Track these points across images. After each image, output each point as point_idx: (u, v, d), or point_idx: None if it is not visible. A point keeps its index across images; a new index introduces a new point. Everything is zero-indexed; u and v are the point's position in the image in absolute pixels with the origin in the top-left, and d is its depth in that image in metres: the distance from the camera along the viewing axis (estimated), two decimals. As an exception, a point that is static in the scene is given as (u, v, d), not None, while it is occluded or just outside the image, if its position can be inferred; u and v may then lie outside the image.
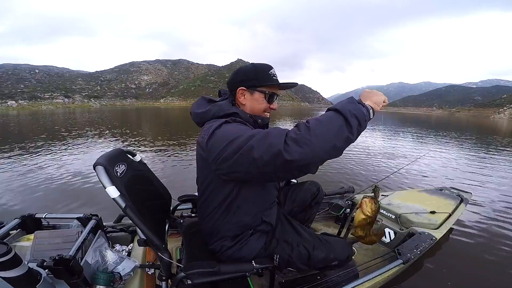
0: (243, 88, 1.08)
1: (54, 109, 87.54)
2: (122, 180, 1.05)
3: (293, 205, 1.47)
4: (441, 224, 1.93)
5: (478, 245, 2.35)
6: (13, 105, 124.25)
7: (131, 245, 1.52)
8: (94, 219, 1.40)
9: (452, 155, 7.10)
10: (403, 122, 24.58)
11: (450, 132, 14.33)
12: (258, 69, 1.08)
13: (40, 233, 1.26)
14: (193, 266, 1.02)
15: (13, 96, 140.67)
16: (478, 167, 5.65)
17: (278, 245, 1.15)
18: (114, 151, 1.15)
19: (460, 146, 8.89)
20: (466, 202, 2.35)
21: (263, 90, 1.07)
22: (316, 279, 1.39)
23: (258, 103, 1.09)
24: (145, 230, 0.98)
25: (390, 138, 10.91)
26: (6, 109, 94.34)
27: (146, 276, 1.27)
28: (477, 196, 3.48)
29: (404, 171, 4.64)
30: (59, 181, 4.11)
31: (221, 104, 1.08)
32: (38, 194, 3.62)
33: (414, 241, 1.66)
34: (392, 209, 2.12)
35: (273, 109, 1.14)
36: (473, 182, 4.50)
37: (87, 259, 1.13)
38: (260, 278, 1.36)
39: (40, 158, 5.78)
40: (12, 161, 5.47)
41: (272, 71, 1.08)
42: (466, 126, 22.87)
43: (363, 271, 1.43)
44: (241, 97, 1.09)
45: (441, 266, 1.99)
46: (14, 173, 4.54)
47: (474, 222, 2.80)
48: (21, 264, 0.82)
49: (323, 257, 1.16)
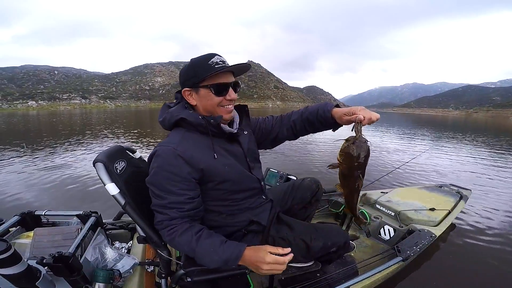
0: (187, 89, 1.02)
1: (71, 109, 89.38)
2: (122, 177, 1.05)
3: (293, 202, 1.45)
4: (440, 221, 1.94)
5: (478, 242, 2.35)
6: (33, 105, 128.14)
7: (131, 242, 1.52)
8: (94, 216, 1.40)
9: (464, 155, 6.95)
10: (419, 124, 23.82)
11: (466, 134, 13.26)
12: (195, 64, 0.98)
13: (40, 230, 1.26)
14: (193, 263, 1.02)
15: (34, 97, 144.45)
16: (488, 167, 5.58)
17: (275, 242, 1.14)
18: (113, 148, 1.15)
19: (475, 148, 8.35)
20: (465, 199, 2.35)
21: (205, 84, 0.97)
22: (316, 276, 1.40)
23: (207, 99, 1.00)
24: (145, 227, 0.99)
25: (403, 140, 10.13)
26: (27, 109, 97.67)
27: (145, 273, 1.27)
28: (478, 193, 3.49)
29: (410, 169, 4.65)
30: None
31: (171, 111, 1.04)
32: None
33: (413, 238, 1.66)
34: (391, 206, 2.12)
35: (231, 100, 1.03)
36: (479, 179, 4.49)
37: (86, 257, 1.13)
38: (259, 275, 1.36)
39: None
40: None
41: (213, 60, 0.96)
42: (484, 128, 20.90)
43: (363, 268, 1.43)
44: (189, 98, 1.03)
45: (441, 263, 2.00)
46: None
47: (474, 219, 2.81)
48: (21, 261, 0.82)
49: (321, 245, 1.14)
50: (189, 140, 1.00)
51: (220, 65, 0.95)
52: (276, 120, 1.28)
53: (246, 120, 1.21)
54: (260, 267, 0.89)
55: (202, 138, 1.02)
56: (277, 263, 0.89)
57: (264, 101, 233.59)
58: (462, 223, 2.68)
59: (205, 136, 1.03)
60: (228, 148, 1.07)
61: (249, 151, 1.15)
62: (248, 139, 1.17)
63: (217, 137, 1.05)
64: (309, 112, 1.16)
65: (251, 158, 1.16)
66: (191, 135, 1.02)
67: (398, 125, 20.43)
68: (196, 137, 1.02)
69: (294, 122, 1.20)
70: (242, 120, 1.19)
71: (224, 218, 1.11)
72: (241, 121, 1.18)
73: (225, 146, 1.07)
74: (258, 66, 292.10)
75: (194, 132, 1.03)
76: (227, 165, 1.03)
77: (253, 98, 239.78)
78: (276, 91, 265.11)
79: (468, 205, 2.87)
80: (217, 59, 0.96)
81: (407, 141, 9.77)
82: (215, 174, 1.01)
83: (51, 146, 7.24)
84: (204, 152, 1.00)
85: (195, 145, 1.00)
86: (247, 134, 1.18)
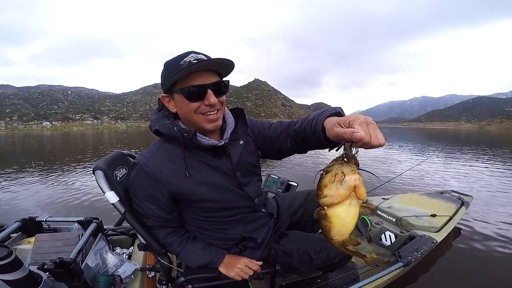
0: (164, 95, 0.91)
1: (84, 130, 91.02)
2: (122, 184, 1.05)
3: (304, 214, 1.33)
4: (441, 227, 1.93)
5: (479, 248, 2.34)
6: (47, 126, 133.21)
7: (132, 248, 1.52)
8: (95, 222, 1.40)
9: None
10: (432, 139, 21.43)
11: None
12: (168, 66, 0.84)
13: (41, 236, 1.26)
14: (193, 271, 1.02)
15: (48, 117, 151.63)
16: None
17: (278, 256, 1.12)
18: (114, 155, 1.14)
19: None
20: (467, 206, 2.34)
21: (177, 88, 0.84)
22: (317, 282, 1.39)
23: (182, 106, 0.87)
24: (145, 235, 0.99)
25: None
26: (42, 130, 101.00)
27: (146, 279, 1.27)
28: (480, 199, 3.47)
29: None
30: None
31: (152, 120, 0.97)
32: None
33: (414, 244, 1.66)
34: (392, 212, 2.11)
35: (211, 105, 0.85)
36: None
37: (87, 262, 1.13)
38: (260, 281, 1.35)
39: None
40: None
41: (187, 59, 0.80)
42: (499, 140, 18.41)
43: (364, 274, 1.42)
44: (168, 105, 0.92)
45: (442, 269, 1.98)
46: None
47: (475, 225, 2.79)
48: (22, 267, 0.82)
49: (325, 257, 1.11)
50: (165, 153, 0.92)
51: (193, 64, 0.78)
52: (282, 128, 1.03)
53: (242, 127, 1.02)
54: (232, 269, 1.03)
55: (180, 152, 0.91)
56: (249, 266, 1.05)
57: (272, 119, 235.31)
58: (463, 229, 2.67)
59: (185, 149, 0.92)
60: (212, 163, 0.94)
61: (241, 165, 1.00)
62: (242, 149, 1.00)
63: (199, 150, 0.93)
64: (307, 120, 0.87)
65: (243, 173, 1.01)
66: (170, 147, 0.93)
67: (412, 140, 18.90)
68: (175, 150, 0.92)
69: (295, 132, 0.95)
70: (237, 128, 1.01)
71: (212, 233, 1.05)
72: (236, 129, 1.01)
73: (209, 160, 0.94)
74: (265, 84, 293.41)
75: (174, 143, 0.93)
76: (205, 183, 0.92)
77: (261, 116, 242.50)
78: (283, 109, 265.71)
79: (470, 211, 2.86)
80: (192, 57, 0.80)
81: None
82: (188, 193, 0.91)
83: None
84: (177, 168, 0.90)
85: (170, 159, 0.91)
86: (242, 144, 1.00)
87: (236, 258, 1.06)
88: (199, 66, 0.80)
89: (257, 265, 1.06)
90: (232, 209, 1.01)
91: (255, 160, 1.09)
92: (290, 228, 1.26)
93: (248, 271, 1.04)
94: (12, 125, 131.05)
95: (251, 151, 1.07)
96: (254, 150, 1.09)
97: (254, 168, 1.08)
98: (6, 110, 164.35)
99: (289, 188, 1.96)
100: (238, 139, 1.00)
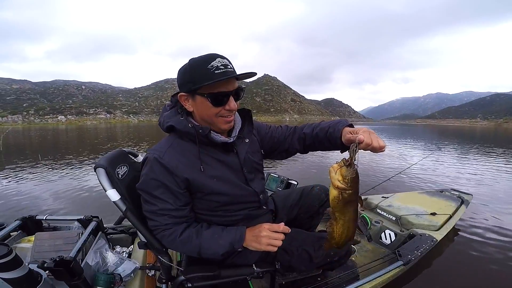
0: (183, 94, 0.93)
1: (97, 124, 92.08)
2: (124, 182, 1.04)
3: (300, 211, 1.37)
4: (441, 226, 1.93)
5: (479, 247, 2.34)
6: (62, 119, 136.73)
7: (132, 246, 1.52)
8: (95, 221, 1.40)
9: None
10: (449, 136, 20.57)
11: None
12: (193, 66, 0.87)
13: (41, 235, 1.26)
14: (194, 269, 1.02)
15: (63, 111, 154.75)
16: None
17: (278, 254, 1.12)
18: (115, 152, 1.14)
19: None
20: (467, 204, 2.34)
21: (203, 92, 0.88)
22: (317, 280, 1.39)
23: (204, 108, 0.91)
24: (146, 233, 0.99)
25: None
26: (57, 124, 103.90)
27: (146, 278, 1.27)
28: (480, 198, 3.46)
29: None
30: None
31: (165, 116, 1.00)
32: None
33: (414, 242, 1.66)
34: (392, 210, 2.12)
35: (230, 110, 0.93)
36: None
37: (87, 261, 1.13)
38: (260, 280, 1.35)
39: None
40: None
41: (214, 63, 0.84)
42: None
43: (364, 273, 1.42)
44: (185, 103, 0.95)
45: (442, 268, 1.98)
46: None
47: (475, 223, 2.79)
48: (22, 266, 0.82)
49: (324, 255, 1.13)
50: (178, 148, 0.96)
51: (221, 70, 0.84)
52: (289, 131, 1.20)
53: (249, 126, 1.10)
54: (260, 241, 0.95)
55: (192, 147, 0.96)
56: (273, 230, 0.97)
57: (281, 115, 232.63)
58: (463, 227, 2.67)
59: (196, 145, 0.97)
60: (222, 159, 1.00)
61: (247, 161, 1.07)
62: (248, 148, 1.08)
63: (210, 146, 0.99)
64: (320, 128, 1.08)
65: (249, 169, 1.08)
66: (182, 143, 0.97)
67: (426, 138, 18.16)
68: (187, 146, 0.97)
69: (305, 134, 1.14)
70: (244, 127, 1.08)
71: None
72: (243, 128, 1.08)
73: (219, 156, 1.00)
74: (274, 79, 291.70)
75: (186, 140, 0.98)
76: (216, 177, 0.97)
77: (270, 112, 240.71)
78: (293, 105, 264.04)
79: (470, 210, 2.86)
80: (218, 62, 0.85)
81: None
82: (202, 186, 0.96)
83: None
84: (191, 163, 0.95)
85: (183, 154, 0.95)
86: (248, 142, 1.08)
87: (256, 228, 0.99)
88: (229, 76, 0.86)
89: (280, 226, 0.98)
90: (240, 203, 1.06)
91: (258, 159, 1.16)
92: (288, 226, 1.27)
93: (277, 236, 0.96)
94: (29, 119, 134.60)
95: (256, 149, 1.15)
96: (258, 149, 1.16)
97: (258, 166, 1.15)
98: (23, 104, 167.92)
99: (289, 187, 1.97)
100: (244, 137, 1.07)
